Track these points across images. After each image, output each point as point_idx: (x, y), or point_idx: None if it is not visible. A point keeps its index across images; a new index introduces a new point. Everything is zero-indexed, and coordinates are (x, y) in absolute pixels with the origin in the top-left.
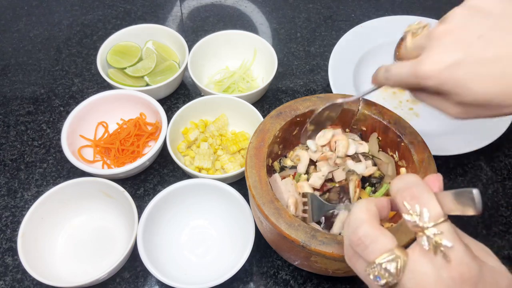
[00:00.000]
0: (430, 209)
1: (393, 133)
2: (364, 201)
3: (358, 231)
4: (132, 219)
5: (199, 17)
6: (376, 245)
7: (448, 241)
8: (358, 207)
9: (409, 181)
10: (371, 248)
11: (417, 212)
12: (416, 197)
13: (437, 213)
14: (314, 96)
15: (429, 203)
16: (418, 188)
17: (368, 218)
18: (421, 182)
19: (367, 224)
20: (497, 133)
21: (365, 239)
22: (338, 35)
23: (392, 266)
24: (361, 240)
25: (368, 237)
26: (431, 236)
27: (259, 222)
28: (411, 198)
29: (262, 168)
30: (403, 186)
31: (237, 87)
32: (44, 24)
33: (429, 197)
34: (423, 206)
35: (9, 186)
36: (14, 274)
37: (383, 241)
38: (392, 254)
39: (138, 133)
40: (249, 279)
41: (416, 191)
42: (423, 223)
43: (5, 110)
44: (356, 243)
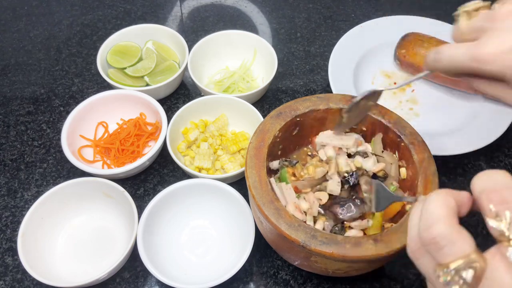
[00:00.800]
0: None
1: (393, 133)
2: (443, 194)
3: (433, 229)
4: (132, 219)
5: (199, 17)
6: (453, 248)
7: None
8: (435, 200)
9: (498, 181)
10: (447, 251)
11: (506, 219)
12: (507, 201)
13: None
14: (314, 96)
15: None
16: (510, 191)
17: (446, 215)
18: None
19: (444, 222)
20: (497, 133)
21: (440, 240)
22: (338, 35)
23: (469, 274)
24: (435, 240)
25: (445, 238)
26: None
27: (259, 222)
28: (500, 202)
29: (262, 169)
30: (491, 186)
31: (237, 87)
32: (44, 24)
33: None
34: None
35: (9, 186)
36: (14, 274)
37: (461, 244)
38: (469, 259)
39: (138, 133)
40: (249, 279)
41: (508, 194)
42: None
43: (5, 110)
44: (429, 242)
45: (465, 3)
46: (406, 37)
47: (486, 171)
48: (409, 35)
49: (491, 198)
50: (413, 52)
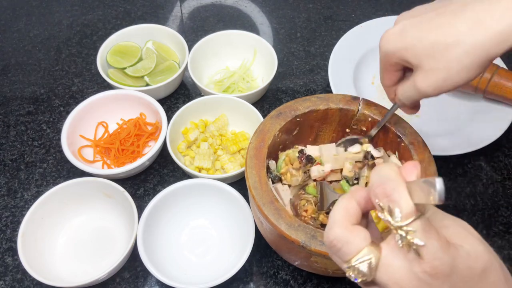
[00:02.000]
0: (402, 208)
1: (393, 133)
2: (345, 198)
3: (330, 234)
4: (132, 219)
5: (199, 17)
6: (348, 248)
7: (419, 240)
8: (336, 206)
9: (383, 175)
10: (343, 251)
11: (388, 211)
12: (388, 194)
13: (409, 211)
14: (314, 96)
15: (401, 201)
16: (391, 184)
17: (341, 219)
18: (395, 175)
19: (338, 226)
20: (497, 133)
21: (336, 242)
22: (338, 35)
23: (364, 266)
24: (332, 243)
25: (339, 240)
26: (403, 235)
27: (259, 222)
28: (383, 196)
29: (262, 169)
30: (377, 180)
31: (237, 87)
32: (44, 24)
33: (401, 194)
34: (395, 205)
35: (9, 186)
36: (14, 274)
37: (354, 242)
38: (363, 253)
39: (138, 133)
40: (249, 279)
41: (388, 187)
42: (395, 222)
43: (5, 110)
44: (329, 246)
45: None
46: None
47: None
48: None
49: (376, 193)
50: None
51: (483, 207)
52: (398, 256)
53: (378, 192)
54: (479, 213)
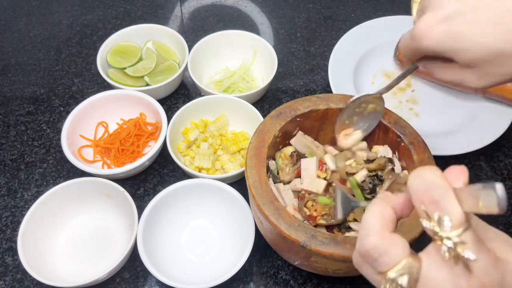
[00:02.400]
0: (452, 217)
1: (393, 133)
2: (379, 203)
3: (365, 242)
4: (132, 219)
5: (199, 17)
6: (386, 258)
7: (471, 253)
8: (370, 212)
9: (428, 180)
10: (381, 261)
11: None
12: (436, 201)
13: (459, 221)
14: (314, 96)
15: (450, 209)
16: (439, 191)
17: (378, 226)
18: (442, 182)
19: (375, 234)
20: (497, 133)
21: (373, 252)
22: (338, 35)
23: (404, 280)
24: (369, 253)
25: (377, 249)
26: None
27: (259, 222)
28: (430, 203)
29: (262, 168)
30: (422, 186)
31: (237, 87)
32: (44, 24)
33: (450, 202)
34: (444, 213)
35: (9, 186)
36: (14, 274)
37: (393, 253)
38: (403, 265)
39: (138, 133)
40: (249, 279)
41: (436, 194)
42: (443, 232)
43: (5, 110)
44: (364, 255)
45: None
46: None
47: (418, 169)
48: None
49: (422, 199)
50: None
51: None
52: (442, 269)
53: (424, 199)
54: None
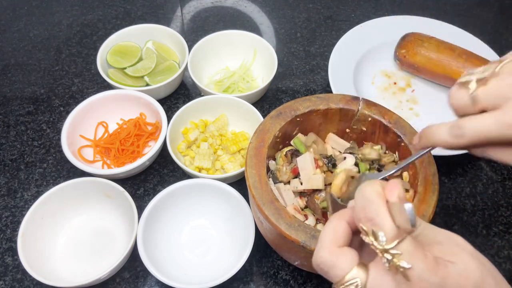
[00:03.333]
0: (386, 232)
1: (393, 133)
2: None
3: (317, 257)
4: (132, 219)
5: (199, 17)
6: (335, 271)
7: (406, 262)
8: (325, 227)
9: (365, 197)
10: (331, 274)
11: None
12: (371, 218)
13: (392, 234)
14: (314, 96)
15: (383, 225)
16: (372, 207)
17: (328, 242)
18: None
19: (324, 250)
20: None
21: (323, 266)
22: (338, 35)
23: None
24: (319, 267)
25: (325, 264)
26: (389, 257)
27: (259, 222)
28: (366, 220)
29: (262, 168)
30: (360, 203)
31: (237, 87)
32: (44, 24)
33: (383, 218)
34: (378, 229)
35: (9, 186)
36: (14, 274)
37: (340, 266)
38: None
39: (138, 133)
40: (249, 279)
41: (370, 211)
42: (380, 245)
43: (5, 110)
44: (317, 268)
45: (459, 5)
46: (406, 37)
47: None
48: (409, 35)
49: (360, 218)
50: (413, 52)
51: (483, 207)
52: (386, 278)
53: (361, 217)
54: (479, 213)
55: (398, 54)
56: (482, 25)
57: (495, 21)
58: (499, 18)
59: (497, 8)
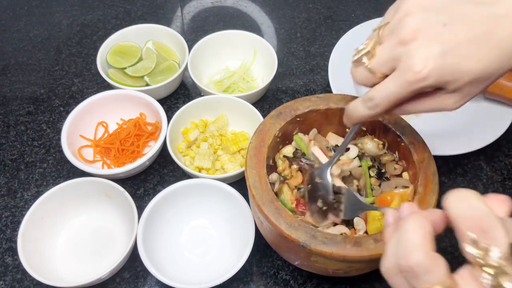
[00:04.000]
0: (501, 249)
1: (393, 133)
2: (419, 218)
3: (410, 258)
4: (132, 219)
5: (199, 17)
6: (428, 277)
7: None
8: (412, 225)
9: (475, 207)
10: (423, 279)
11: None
12: (486, 231)
13: (508, 253)
14: (314, 96)
15: (500, 241)
16: (488, 220)
17: (422, 242)
18: (490, 211)
19: (421, 250)
20: (497, 133)
21: (417, 269)
22: (338, 35)
23: None
24: (412, 269)
25: (421, 266)
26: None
27: (259, 222)
28: (479, 231)
29: (262, 168)
30: (468, 212)
31: (237, 87)
32: (44, 24)
33: (500, 234)
34: (493, 244)
35: (9, 186)
36: (14, 274)
37: (436, 273)
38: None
39: (138, 133)
40: (249, 279)
41: (486, 223)
42: (488, 261)
43: (5, 110)
44: (406, 269)
45: None
46: None
47: (458, 191)
48: None
49: (470, 226)
50: None
51: None
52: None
53: (473, 226)
54: None
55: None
56: None
57: None
58: None
59: None
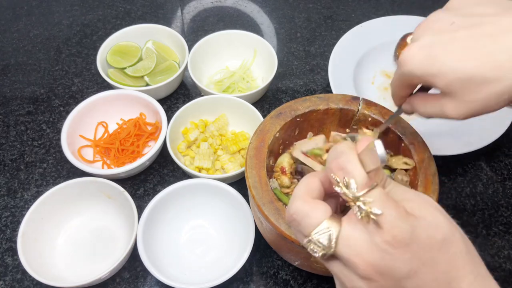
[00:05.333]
0: (356, 179)
1: (393, 133)
2: (308, 176)
3: (291, 207)
4: (132, 219)
5: (199, 17)
6: (308, 220)
7: (377, 208)
8: (299, 183)
9: (338, 150)
10: (304, 224)
11: (345, 183)
12: (342, 167)
13: (364, 181)
14: (314, 96)
15: (354, 173)
16: (344, 157)
17: (302, 193)
18: (347, 149)
19: (299, 199)
20: (497, 133)
21: (296, 216)
22: (338, 35)
23: (324, 238)
24: (293, 217)
25: (300, 213)
26: (361, 205)
27: (259, 222)
28: (338, 169)
29: (262, 169)
30: (333, 156)
31: (237, 87)
32: (44, 24)
33: (354, 166)
34: (349, 177)
35: (9, 186)
36: (14, 274)
37: (315, 215)
38: (323, 226)
39: (138, 133)
40: (249, 279)
41: (342, 161)
42: (352, 194)
43: (5, 110)
44: (290, 219)
45: None
46: (406, 37)
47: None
48: (409, 35)
49: (332, 168)
50: None
51: (483, 207)
52: (358, 228)
53: (333, 166)
54: (479, 213)
55: (398, 54)
56: None
57: None
58: None
59: None
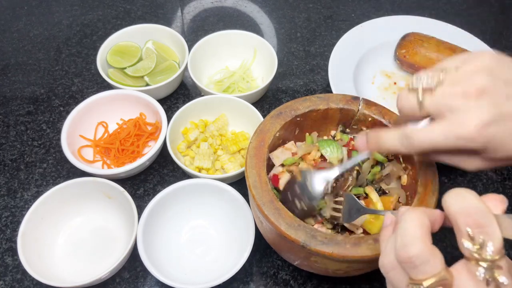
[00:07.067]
0: (495, 243)
1: None
2: (418, 213)
3: (410, 249)
4: (132, 219)
5: (199, 17)
6: (426, 267)
7: (505, 278)
8: (411, 219)
9: (472, 205)
10: (421, 269)
11: (479, 243)
12: (482, 226)
13: (500, 247)
14: (314, 96)
15: (494, 236)
16: (484, 217)
17: (421, 235)
18: (486, 208)
19: (420, 243)
20: None
21: (416, 259)
22: (338, 35)
23: None
24: (411, 260)
25: (420, 257)
26: (488, 269)
27: (259, 222)
28: (476, 226)
29: (262, 168)
30: (466, 209)
31: (237, 87)
32: (44, 24)
33: (495, 229)
34: (488, 239)
35: (9, 186)
36: (14, 274)
37: (434, 264)
38: (440, 277)
39: (138, 133)
40: (249, 279)
41: (482, 220)
42: (483, 254)
43: (5, 110)
44: (405, 261)
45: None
46: (406, 37)
47: (457, 190)
48: (409, 35)
49: (468, 221)
50: (413, 52)
51: None
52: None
53: (470, 221)
54: None
55: (398, 54)
56: (482, 25)
57: (495, 21)
58: (499, 18)
59: (497, 8)
